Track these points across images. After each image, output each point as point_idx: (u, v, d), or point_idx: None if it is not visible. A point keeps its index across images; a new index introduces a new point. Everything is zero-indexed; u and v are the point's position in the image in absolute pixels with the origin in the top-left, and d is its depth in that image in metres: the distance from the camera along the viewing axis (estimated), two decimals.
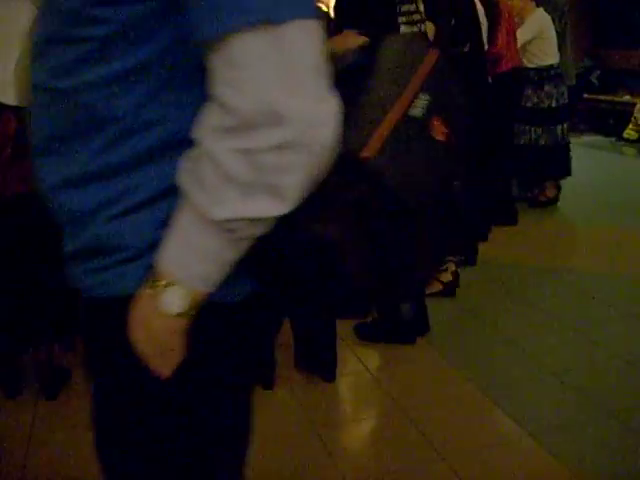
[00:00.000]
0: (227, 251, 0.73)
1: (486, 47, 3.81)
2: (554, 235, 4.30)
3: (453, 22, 3.09)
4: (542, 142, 4.63)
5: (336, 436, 2.15)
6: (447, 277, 3.22)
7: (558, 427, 2.15)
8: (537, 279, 3.54)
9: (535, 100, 4.60)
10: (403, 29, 2.47)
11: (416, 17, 2.51)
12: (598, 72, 7.32)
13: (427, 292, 3.09)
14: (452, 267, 3.28)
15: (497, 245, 3.99)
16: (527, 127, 4.63)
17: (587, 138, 6.86)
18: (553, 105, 4.60)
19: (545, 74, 4.57)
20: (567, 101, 4.64)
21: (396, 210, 0.85)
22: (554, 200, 4.82)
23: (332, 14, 2.69)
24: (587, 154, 5.80)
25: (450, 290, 3.22)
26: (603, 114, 7.25)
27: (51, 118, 0.79)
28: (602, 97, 7.23)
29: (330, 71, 0.70)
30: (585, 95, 7.11)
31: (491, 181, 4.24)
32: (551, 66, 4.55)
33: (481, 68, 3.55)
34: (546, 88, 4.57)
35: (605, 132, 7.14)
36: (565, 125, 4.66)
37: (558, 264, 3.74)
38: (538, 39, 4.49)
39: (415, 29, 2.50)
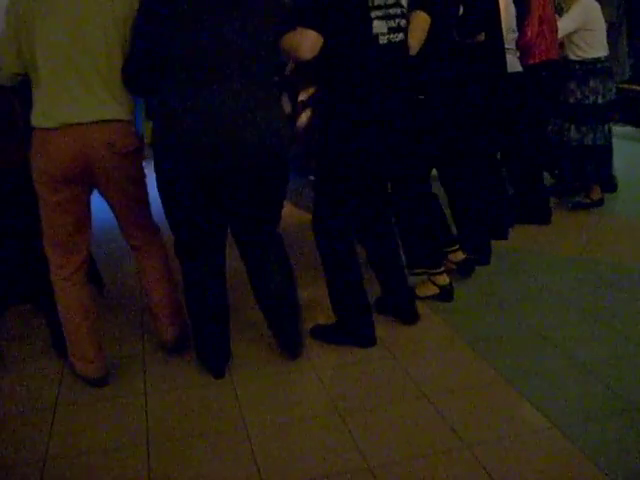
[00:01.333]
0: None
1: (515, 36, 3.78)
2: (583, 225, 4.24)
3: (461, 11, 3.00)
4: (587, 142, 4.32)
5: (360, 421, 2.18)
6: (444, 280, 3.09)
7: (584, 419, 2.16)
8: (564, 269, 3.53)
9: (579, 96, 4.30)
10: (376, 24, 2.37)
11: (394, 11, 2.42)
12: (632, 61, 7.16)
13: (422, 295, 3.07)
14: (454, 259, 3.27)
15: (523, 234, 3.94)
16: (570, 124, 4.35)
17: (619, 129, 6.74)
18: (599, 102, 4.27)
19: (591, 68, 4.25)
20: (614, 98, 4.34)
21: None
22: (599, 203, 4.55)
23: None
24: (618, 145, 5.70)
25: (447, 294, 3.10)
26: (635, 104, 7.09)
27: None
28: (635, 87, 7.07)
29: None
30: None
31: (519, 178, 4.17)
32: (598, 60, 4.23)
33: (498, 59, 3.44)
34: (591, 83, 4.25)
35: (637, 123, 7.01)
36: (612, 124, 4.39)
37: (587, 254, 3.72)
38: (583, 31, 4.17)
39: (392, 24, 2.41)
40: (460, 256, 3.26)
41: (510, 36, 3.69)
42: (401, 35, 2.45)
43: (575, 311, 3.00)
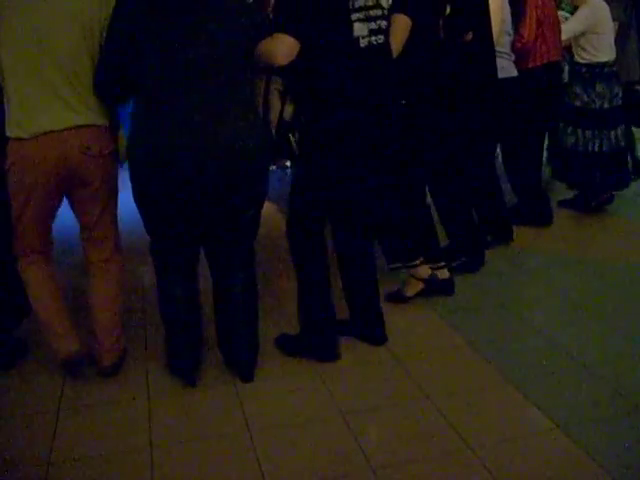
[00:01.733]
0: None
1: (510, 39, 3.67)
2: (586, 225, 4.24)
3: (448, 10, 2.98)
4: (593, 148, 4.18)
5: (363, 423, 2.19)
6: (424, 272, 3.01)
7: (589, 420, 2.16)
8: (567, 269, 3.52)
9: (585, 99, 4.17)
10: (357, 27, 2.33)
11: (374, 13, 2.38)
12: None
13: (410, 294, 3.04)
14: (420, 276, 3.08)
15: (524, 234, 3.96)
16: (575, 129, 4.22)
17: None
18: (605, 106, 4.14)
19: (598, 72, 4.12)
20: (621, 103, 4.19)
21: None
22: (610, 199, 4.44)
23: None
24: None
25: (433, 285, 3.03)
26: None
27: None
28: None
29: None
30: None
31: (519, 181, 4.09)
32: (605, 64, 4.09)
33: (487, 59, 3.35)
34: (597, 88, 4.13)
35: None
36: (620, 130, 4.20)
37: (590, 255, 3.71)
38: (590, 33, 4.03)
39: (373, 26, 2.37)
40: (426, 272, 3.07)
41: (504, 39, 3.59)
42: (382, 37, 2.41)
43: (578, 311, 3.01)
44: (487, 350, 2.63)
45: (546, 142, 4.48)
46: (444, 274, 3.08)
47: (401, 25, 2.56)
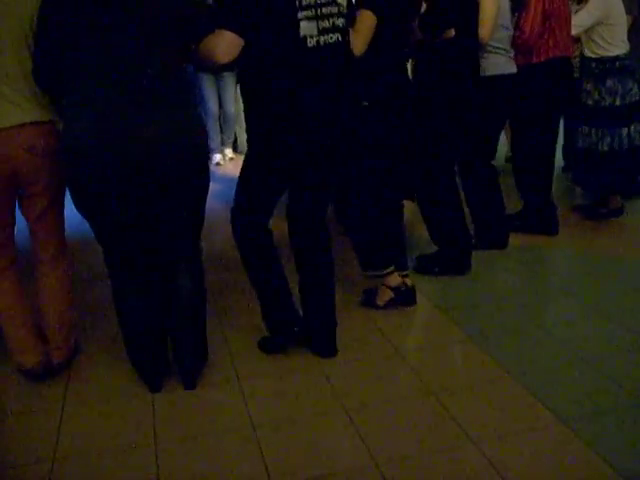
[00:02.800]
0: None
1: (508, 34, 3.47)
2: (592, 221, 4.17)
3: (425, 7, 2.87)
4: (603, 147, 4.01)
5: (366, 418, 2.20)
6: (395, 280, 2.92)
7: (592, 415, 2.17)
8: (568, 264, 3.53)
9: (596, 97, 3.98)
10: (304, 25, 2.23)
11: (328, 10, 2.28)
12: None
13: (381, 303, 2.95)
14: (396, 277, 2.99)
15: None
16: (588, 128, 4.05)
17: None
18: (617, 103, 3.93)
19: (609, 67, 3.91)
20: (637, 99, 3.98)
21: None
22: (618, 212, 4.16)
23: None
24: None
25: (403, 296, 2.93)
26: None
27: None
28: None
29: None
30: None
31: (526, 186, 3.89)
32: (616, 57, 3.89)
33: (470, 58, 3.22)
34: (608, 83, 3.92)
35: None
36: (635, 127, 4.00)
37: (594, 250, 3.71)
38: (602, 25, 3.84)
39: (325, 24, 2.27)
40: (396, 280, 2.96)
41: (501, 34, 3.39)
42: (337, 36, 2.32)
43: (580, 306, 3.02)
44: (489, 345, 2.64)
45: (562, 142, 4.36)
46: (409, 282, 3.00)
47: (364, 22, 2.49)
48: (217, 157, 6.13)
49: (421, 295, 3.08)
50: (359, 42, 2.47)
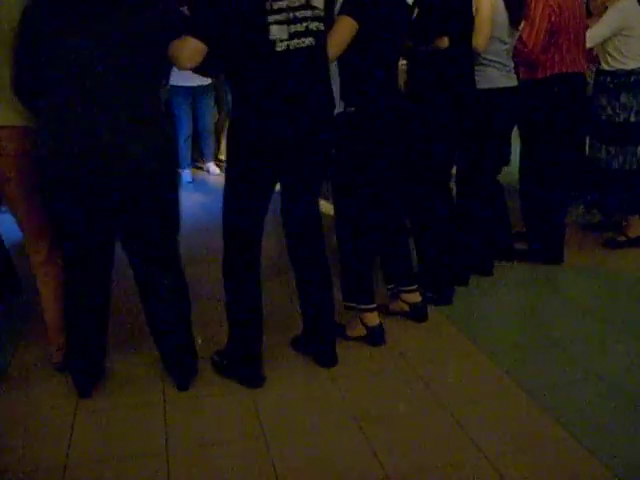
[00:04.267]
0: None
1: (505, 47, 3.25)
2: (603, 235, 4.11)
3: (416, 14, 2.77)
4: (615, 165, 3.83)
5: (377, 430, 2.22)
6: (372, 320, 2.78)
7: (602, 429, 2.18)
8: (581, 279, 3.53)
9: (609, 112, 3.80)
10: (274, 29, 2.20)
11: (302, 14, 2.25)
12: None
13: (351, 335, 2.81)
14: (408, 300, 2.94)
15: None
16: (601, 145, 3.86)
17: None
18: (632, 120, 3.74)
19: (624, 81, 3.73)
20: None
21: None
22: (638, 240, 3.91)
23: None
24: None
25: (373, 337, 2.78)
26: None
27: None
28: None
29: None
30: None
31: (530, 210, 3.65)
32: (631, 71, 3.71)
33: (465, 68, 3.06)
34: (622, 98, 3.74)
35: None
36: None
37: (604, 265, 3.71)
38: (618, 37, 3.67)
39: (298, 28, 2.24)
40: (415, 298, 2.94)
41: (496, 46, 3.19)
42: (310, 40, 2.28)
43: (593, 321, 3.03)
44: (502, 359, 2.66)
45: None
46: (377, 322, 2.82)
47: (341, 26, 2.45)
48: (188, 174, 5.90)
49: (432, 306, 3.09)
50: (332, 46, 2.42)
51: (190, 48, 2.17)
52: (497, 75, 3.24)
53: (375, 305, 2.80)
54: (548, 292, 3.38)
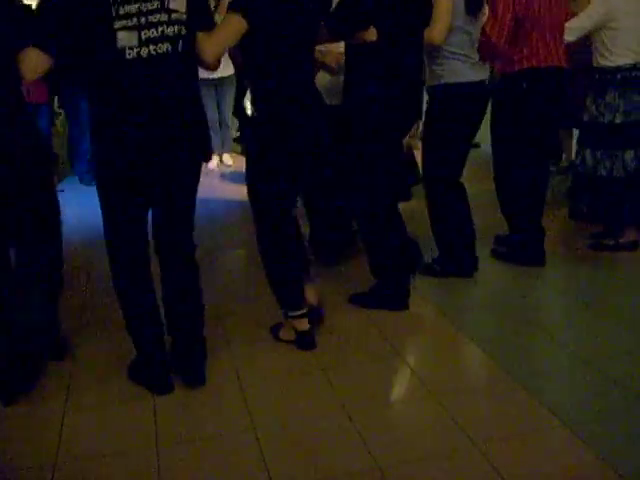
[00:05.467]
0: None
1: (467, 39, 3.07)
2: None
3: (334, 5, 2.58)
4: (600, 171, 3.55)
5: (368, 421, 2.23)
6: (301, 325, 2.70)
7: (594, 417, 2.20)
8: (570, 267, 3.51)
9: (593, 113, 3.55)
10: (122, 36, 2.09)
11: (155, 18, 2.13)
12: None
13: (282, 338, 2.77)
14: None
15: None
16: (584, 149, 3.62)
17: None
18: (617, 121, 3.46)
19: (609, 78, 3.46)
20: None
21: None
22: (629, 246, 3.63)
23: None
24: None
25: (302, 342, 2.70)
26: None
27: None
28: None
29: None
30: None
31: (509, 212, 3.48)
32: (618, 68, 3.43)
33: (396, 63, 2.77)
34: (608, 98, 3.47)
35: None
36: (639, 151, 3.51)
37: (593, 252, 3.72)
38: (604, 30, 3.41)
39: (152, 34, 2.12)
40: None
41: (458, 37, 3.03)
42: (167, 45, 2.16)
43: (583, 308, 3.05)
44: (492, 347, 2.68)
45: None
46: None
47: (226, 26, 2.32)
48: (212, 162, 6.08)
49: (422, 297, 3.12)
50: (213, 45, 2.28)
51: (32, 58, 2.15)
52: (461, 67, 3.08)
53: (304, 311, 2.70)
54: (534, 279, 3.39)
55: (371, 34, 2.64)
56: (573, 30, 3.41)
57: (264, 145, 2.52)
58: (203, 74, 2.42)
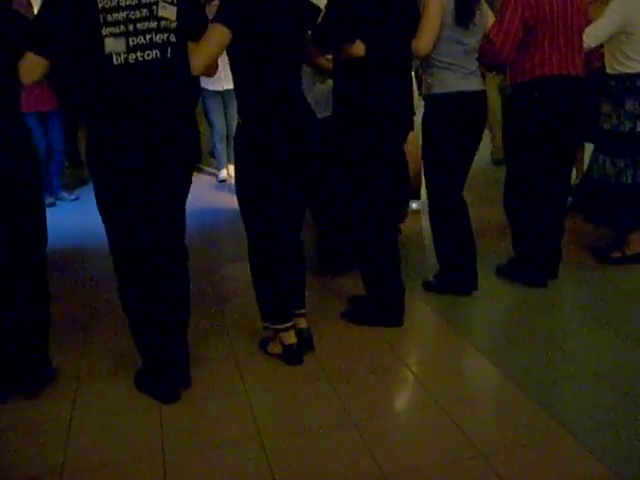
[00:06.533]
0: None
1: (460, 49, 2.97)
2: (599, 231, 4.03)
3: (321, 17, 2.53)
4: (625, 179, 3.46)
5: (373, 429, 2.24)
6: (289, 339, 2.68)
7: (599, 427, 2.20)
8: (574, 276, 3.50)
9: (614, 121, 3.46)
10: (109, 42, 2.14)
11: (144, 25, 2.16)
12: None
13: (270, 352, 2.75)
14: (301, 323, 2.77)
15: None
16: (603, 157, 3.53)
17: None
18: (638, 129, 3.40)
19: (629, 85, 3.38)
20: None
21: None
22: (638, 257, 3.59)
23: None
24: None
25: (289, 356, 2.67)
26: None
27: None
28: None
29: None
30: None
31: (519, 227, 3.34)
32: (637, 75, 3.35)
33: (385, 73, 2.72)
34: (628, 105, 3.40)
35: None
36: None
37: (599, 263, 3.71)
38: (622, 35, 3.32)
39: (140, 41, 2.16)
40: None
41: (452, 48, 2.94)
42: (155, 53, 2.19)
43: (587, 318, 3.04)
44: (497, 357, 2.68)
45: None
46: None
47: (210, 38, 2.31)
48: (223, 173, 6.17)
49: (429, 309, 3.12)
50: (199, 57, 2.30)
51: (27, 63, 2.20)
52: (451, 78, 2.98)
53: (290, 324, 2.69)
54: (542, 290, 3.38)
55: (359, 48, 2.63)
56: (593, 35, 3.29)
57: (248, 155, 2.52)
58: (210, 86, 2.44)
